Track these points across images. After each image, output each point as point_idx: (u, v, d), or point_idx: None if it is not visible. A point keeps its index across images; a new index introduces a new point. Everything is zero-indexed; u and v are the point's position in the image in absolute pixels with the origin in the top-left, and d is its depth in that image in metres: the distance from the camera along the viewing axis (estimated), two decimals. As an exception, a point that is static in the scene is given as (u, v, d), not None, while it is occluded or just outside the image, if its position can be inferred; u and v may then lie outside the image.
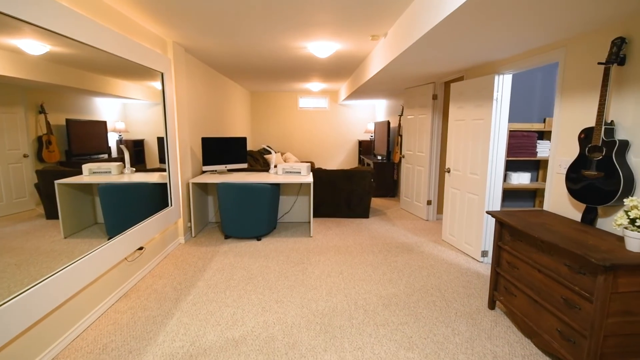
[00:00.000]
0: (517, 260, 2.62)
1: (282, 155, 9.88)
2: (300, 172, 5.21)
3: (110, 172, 3.35)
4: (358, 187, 5.74)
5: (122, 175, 3.73)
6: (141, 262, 3.62)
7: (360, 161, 9.96)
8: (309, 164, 5.35)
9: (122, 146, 3.75)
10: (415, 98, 5.92)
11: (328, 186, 5.75)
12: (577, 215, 2.68)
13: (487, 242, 3.93)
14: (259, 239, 4.77)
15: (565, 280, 2.14)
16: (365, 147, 9.87)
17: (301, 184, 5.55)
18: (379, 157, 8.19)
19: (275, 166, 6.33)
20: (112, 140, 3.23)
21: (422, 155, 5.73)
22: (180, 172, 4.55)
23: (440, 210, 5.81)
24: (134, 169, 3.79)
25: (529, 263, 2.47)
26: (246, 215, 4.65)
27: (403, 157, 6.40)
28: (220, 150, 5.31)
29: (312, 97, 10.30)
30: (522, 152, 4.04)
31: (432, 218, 5.74)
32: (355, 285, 3.39)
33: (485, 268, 3.80)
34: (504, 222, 2.70)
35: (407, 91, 6.20)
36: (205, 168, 5.15)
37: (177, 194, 4.40)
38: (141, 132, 3.82)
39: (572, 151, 2.75)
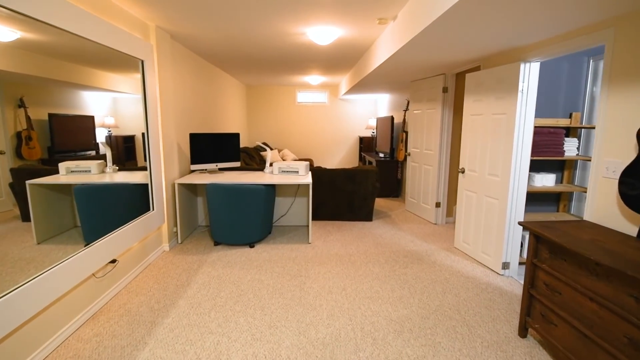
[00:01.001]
0: (559, 284, 2.17)
1: (279, 152, 9.42)
2: (297, 172, 4.75)
3: (89, 171, 2.99)
4: (361, 188, 5.28)
5: (104, 174, 3.32)
6: (115, 276, 3.16)
7: (361, 158, 9.50)
8: (307, 162, 4.89)
9: (102, 143, 3.34)
10: (422, 91, 5.45)
11: (328, 187, 5.29)
12: (630, 229, 2.23)
13: (509, 252, 3.47)
14: (252, 246, 4.31)
15: (630, 316, 1.69)
16: (366, 144, 9.41)
17: (299, 185, 5.09)
18: (382, 155, 7.74)
19: (271, 165, 5.86)
20: (101, 136, 3.07)
21: (431, 154, 5.27)
22: (165, 171, 4.08)
23: (450, 213, 5.36)
24: (117, 167, 3.40)
25: (577, 289, 2.02)
26: (238, 220, 4.19)
27: (409, 154, 5.94)
28: (210, 147, 4.84)
29: (311, 91, 9.82)
30: (547, 151, 3.58)
31: (441, 222, 5.28)
32: (360, 305, 2.93)
33: (507, 283, 3.35)
34: (542, 236, 2.24)
35: (413, 84, 5.73)
36: (194, 167, 4.68)
37: (161, 196, 3.94)
38: (132, 128, 3.55)
39: (623, 151, 2.29)
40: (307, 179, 4.43)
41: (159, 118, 3.97)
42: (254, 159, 8.11)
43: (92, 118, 2.89)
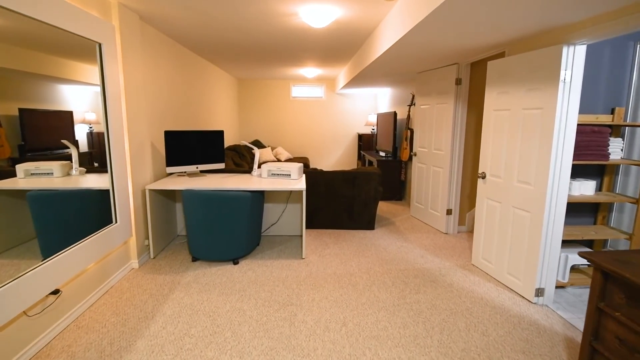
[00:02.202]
0: (644, 343, 1.57)
1: (272, 150, 8.79)
2: (289, 175, 4.13)
3: (51, 173, 2.55)
4: (362, 193, 4.67)
5: (69, 177, 2.78)
6: (60, 309, 2.53)
7: (361, 157, 8.89)
8: (301, 164, 4.28)
9: (65, 141, 2.78)
10: (431, 84, 4.83)
11: (325, 191, 4.68)
12: None
13: (544, 276, 2.88)
14: (235, 263, 3.69)
15: None
16: (366, 142, 8.79)
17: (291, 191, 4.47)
18: (383, 154, 7.12)
19: (260, 166, 5.21)
20: (82, 133, 2.86)
21: (441, 154, 4.66)
22: (132, 176, 3.46)
23: (462, 221, 4.76)
24: (85, 168, 2.91)
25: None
26: (219, 233, 3.57)
27: (414, 154, 5.33)
28: (190, 147, 4.21)
29: (306, 85, 9.18)
30: (589, 154, 2.98)
31: (453, 231, 4.68)
32: (365, 350, 2.33)
33: (543, 315, 2.75)
34: (616, 274, 1.64)
35: (420, 76, 5.11)
36: (170, 169, 4.05)
37: (127, 205, 3.31)
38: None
39: None
40: (301, 183, 3.81)
41: (124, 112, 3.33)
42: (244, 158, 7.49)
43: (70, 113, 2.68)
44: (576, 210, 3.36)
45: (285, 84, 9.14)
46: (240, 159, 7.20)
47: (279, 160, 8.51)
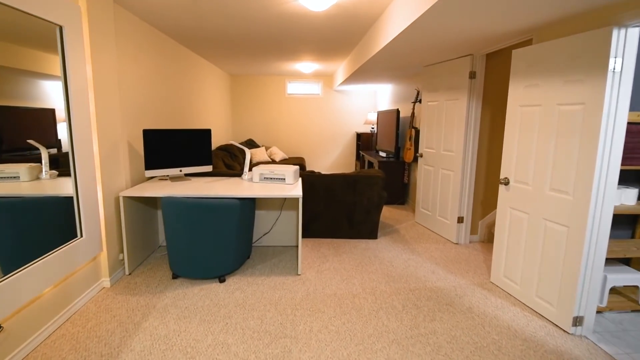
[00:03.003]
0: None
1: (266, 150, 8.33)
2: (284, 179, 3.68)
3: (17, 177, 2.26)
4: (363, 199, 4.21)
5: (39, 181, 2.46)
6: (5, 348, 2.07)
7: (359, 158, 8.44)
8: (297, 167, 3.82)
9: (31, 140, 2.49)
10: (440, 77, 4.39)
11: (323, 197, 4.23)
12: None
13: (584, 302, 2.44)
14: (221, 280, 3.23)
15: None
16: (365, 141, 8.34)
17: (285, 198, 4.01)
18: (384, 154, 6.68)
19: (251, 169, 4.71)
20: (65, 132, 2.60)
21: (451, 155, 4.22)
22: (102, 181, 2.98)
23: (474, 230, 4.32)
24: (56, 172, 2.55)
25: None
26: (203, 247, 3.10)
27: (420, 156, 4.88)
28: (172, 147, 3.74)
29: (303, 81, 8.72)
30: (635, 158, 2.54)
31: (464, 241, 4.24)
32: (377, 402, 1.88)
33: (584, 349, 2.32)
34: None
35: (427, 70, 4.67)
36: (150, 173, 3.58)
37: (95, 216, 2.84)
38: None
39: None
40: (297, 189, 3.35)
41: (92, 109, 2.86)
42: (236, 159, 7.02)
43: (52, 111, 2.49)
44: (613, 222, 2.93)
45: (280, 81, 8.67)
46: (232, 160, 6.74)
47: (273, 161, 8.05)
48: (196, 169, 3.94)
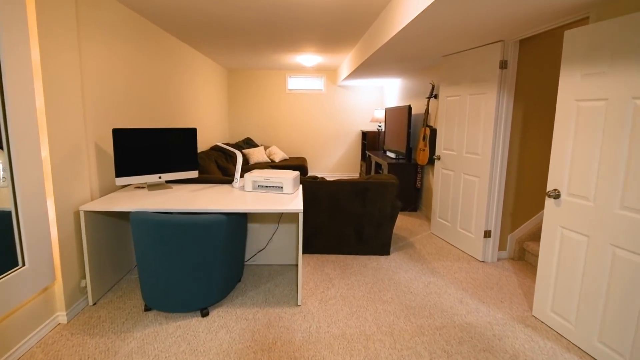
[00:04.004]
0: None
1: (265, 150, 7.75)
2: (281, 188, 3.10)
3: None
4: (374, 209, 3.63)
5: None
6: None
7: (365, 158, 7.85)
8: (297, 173, 3.24)
9: None
10: (463, 69, 3.79)
11: (327, 206, 3.64)
12: None
13: (675, 360, 1.85)
14: (204, 314, 2.65)
15: None
16: (371, 140, 7.74)
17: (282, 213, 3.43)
18: (393, 155, 6.08)
19: (242, 176, 4.07)
20: None
21: (476, 159, 3.62)
22: (55, 193, 2.41)
23: (503, 246, 3.72)
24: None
25: None
26: (180, 274, 2.53)
27: (437, 158, 4.29)
28: (150, 150, 3.17)
29: (304, 76, 8.12)
30: None
31: (491, 258, 3.65)
32: None
33: None
34: None
35: (447, 60, 4.07)
36: (121, 181, 3.00)
37: (44, 237, 2.26)
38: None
39: None
40: (296, 201, 2.77)
41: (39, 102, 2.28)
42: (232, 160, 6.44)
43: None
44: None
45: (280, 75, 8.08)
46: (227, 162, 6.16)
47: (272, 162, 7.46)
48: (179, 175, 3.36)
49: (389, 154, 6.44)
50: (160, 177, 3.25)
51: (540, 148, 3.59)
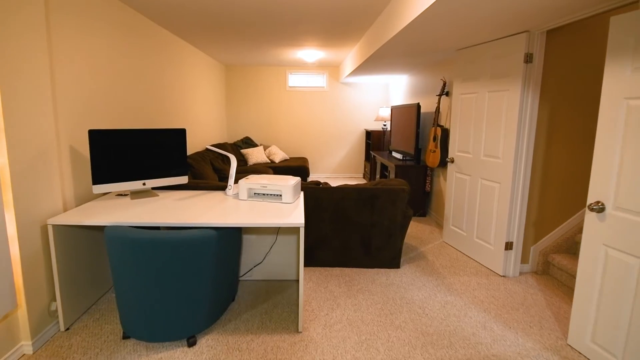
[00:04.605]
0: None
1: (265, 150, 7.41)
2: (280, 196, 2.75)
3: None
4: (384, 219, 3.29)
5: None
6: None
7: (369, 159, 7.50)
8: (298, 179, 2.89)
9: None
10: (481, 63, 3.44)
11: (332, 215, 3.30)
12: None
13: None
14: (191, 343, 2.31)
15: None
16: (375, 140, 7.39)
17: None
18: (399, 156, 5.74)
19: (237, 182, 3.66)
20: None
21: (496, 163, 3.28)
22: (15, 205, 2.07)
23: (525, 258, 3.38)
24: None
25: None
26: (163, 298, 2.19)
27: (451, 161, 3.94)
28: (133, 153, 2.83)
29: (305, 72, 7.77)
30: None
31: (513, 272, 3.31)
32: None
33: None
34: None
35: (462, 54, 3.71)
36: (99, 189, 2.66)
37: (3, 257, 1.93)
38: None
39: None
40: (297, 212, 2.42)
41: (-8, 101, 1.94)
42: (229, 161, 6.09)
43: None
44: None
45: (281, 72, 7.73)
46: (224, 163, 5.81)
47: (272, 162, 7.12)
48: (166, 182, 3.02)
49: (395, 154, 6.09)
50: (144, 184, 2.91)
51: (567, 151, 3.24)
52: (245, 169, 6.26)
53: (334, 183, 7.45)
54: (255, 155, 7.02)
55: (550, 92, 3.12)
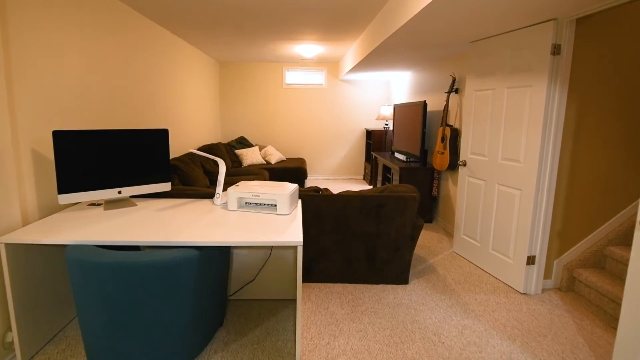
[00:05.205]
0: None
1: (260, 150, 7.06)
2: (275, 206, 2.41)
3: None
4: (391, 229, 2.94)
5: None
6: None
7: (370, 159, 7.15)
8: (295, 187, 2.54)
9: None
10: (499, 56, 3.09)
11: (334, 225, 2.96)
12: None
13: None
14: (170, 383, 1.96)
15: None
16: (376, 140, 7.04)
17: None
18: (402, 157, 5.39)
19: (226, 190, 3.26)
20: None
21: (517, 167, 2.93)
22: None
23: (548, 274, 3.04)
24: None
25: None
26: (134, 332, 1.83)
27: (462, 164, 3.60)
28: (106, 157, 2.47)
29: (303, 69, 7.41)
30: None
31: (535, 290, 2.97)
32: None
33: None
34: None
35: (477, 46, 3.37)
36: (65, 198, 2.31)
37: None
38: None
39: None
40: (294, 227, 2.07)
41: None
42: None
43: None
44: None
45: (277, 69, 7.37)
46: (216, 165, 5.45)
47: (268, 163, 6.76)
48: (146, 189, 2.66)
49: (398, 155, 5.75)
50: (120, 192, 2.55)
51: (596, 154, 2.90)
52: (239, 171, 5.90)
53: (332, 184, 7.10)
54: (250, 156, 6.66)
55: (579, 88, 2.78)
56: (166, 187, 2.77)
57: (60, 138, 2.24)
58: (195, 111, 5.74)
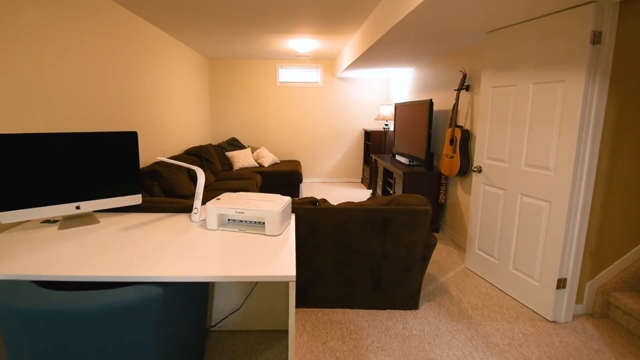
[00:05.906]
0: None
1: (253, 152, 6.63)
2: (262, 224, 1.99)
3: None
4: (400, 247, 2.53)
5: None
6: None
7: (369, 162, 6.74)
8: (288, 199, 2.12)
9: None
10: (522, 47, 2.69)
11: (333, 243, 2.55)
12: None
13: None
14: None
15: None
16: (375, 142, 6.64)
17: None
18: (405, 160, 5.00)
19: (205, 204, 2.70)
20: None
21: (546, 176, 2.53)
22: None
23: (579, 297, 2.64)
24: None
25: None
26: (78, 395, 1.41)
27: (478, 170, 3.19)
28: (60, 165, 2.04)
29: (298, 66, 6.99)
30: None
31: (566, 317, 2.57)
32: None
33: None
34: None
35: (495, 36, 2.97)
36: (8, 217, 1.88)
37: None
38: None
39: None
40: (285, 255, 1.65)
41: None
42: (212, 166, 5.32)
43: None
44: None
45: (270, 66, 6.94)
46: (205, 168, 5.03)
47: (261, 166, 6.34)
48: (111, 203, 2.23)
49: (399, 158, 5.35)
50: (78, 208, 2.12)
51: (637, 161, 2.50)
52: (229, 175, 5.47)
53: (329, 188, 6.69)
54: (242, 159, 6.23)
55: (620, 84, 2.38)
56: (136, 199, 2.35)
57: (1, 142, 1.82)
58: (183, 111, 5.31)
